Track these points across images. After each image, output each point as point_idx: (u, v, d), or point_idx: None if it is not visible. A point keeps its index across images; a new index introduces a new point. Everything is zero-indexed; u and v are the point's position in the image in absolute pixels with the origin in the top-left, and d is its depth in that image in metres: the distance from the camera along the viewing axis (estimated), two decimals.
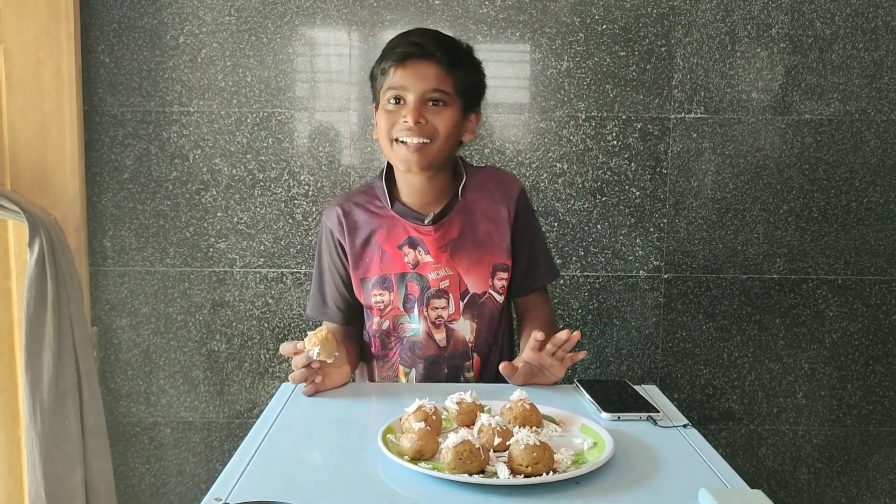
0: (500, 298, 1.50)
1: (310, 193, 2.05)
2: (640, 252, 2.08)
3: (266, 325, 2.09)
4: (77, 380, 1.94)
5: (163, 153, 2.04)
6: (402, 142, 1.40)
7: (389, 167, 1.51)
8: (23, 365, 1.90)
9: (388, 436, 1.05)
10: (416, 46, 1.41)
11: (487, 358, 1.52)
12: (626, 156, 2.05)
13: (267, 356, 2.10)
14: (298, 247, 2.07)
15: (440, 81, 1.40)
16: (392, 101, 1.42)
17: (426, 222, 1.47)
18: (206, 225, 2.06)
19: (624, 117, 2.04)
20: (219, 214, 2.06)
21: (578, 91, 2.03)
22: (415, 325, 1.48)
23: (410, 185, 1.48)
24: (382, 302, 1.49)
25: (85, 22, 1.99)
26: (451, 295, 1.48)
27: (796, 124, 2.04)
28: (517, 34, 2.02)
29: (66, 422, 1.92)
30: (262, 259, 2.07)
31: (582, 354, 1.33)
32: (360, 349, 1.58)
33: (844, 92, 2.03)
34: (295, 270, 2.07)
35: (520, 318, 1.58)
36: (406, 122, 1.39)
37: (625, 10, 2.01)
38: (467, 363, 1.50)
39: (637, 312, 2.09)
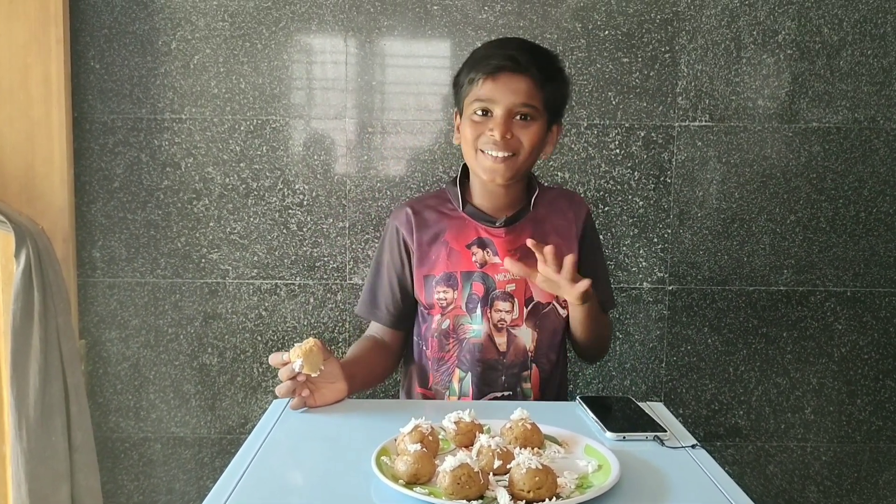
0: (563, 312, 1.49)
1: (304, 203, 2.01)
2: (644, 263, 2.03)
3: (259, 338, 2.04)
4: (64, 394, 1.89)
5: (154, 161, 2.00)
6: (486, 153, 1.40)
7: (463, 171, 1.51)
8: (8, 379, 1.85)
9: (383, 458, 1.01)
10: (510, 60, 1.39)
11: (548, 374, 1.49)
12: (629, 164, 2.00)
13: (260, 370, 2.05)
14: (293, 257, 2.02)
15: (530, 97, 1.39)
16: (479, 112, 1.41)
17: (497, 224, 1.47)
18: (198, 235, 2.01)
19: (627, 125, 1.99)
20: (211, 224, 2.01)
21: (580, 98, 1.98)
22: (476, 327, 1.46)
23: (485, 190, 1.48)
24: (445, 300, 1.47)
25: (74, 27, 1.95)
26: (516, 299, 1.46)
27: (803, 132, 2.00)
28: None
29: (53, 437, 1.87)
30: (255, 270, 2.02)
31: (587, 282, 1.29)
32: (388, 365, 1.55)
33: (853, 99, 1.99)
34: (289, 282, 2.02)
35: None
36: (493, 135, 1.38)
37: (628, 16, 1.96)
38: (525, 373, 1.47)
39: (641, 325, 2.05)
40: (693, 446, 1.13)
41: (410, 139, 2.00)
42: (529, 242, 1.32)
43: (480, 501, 0.90)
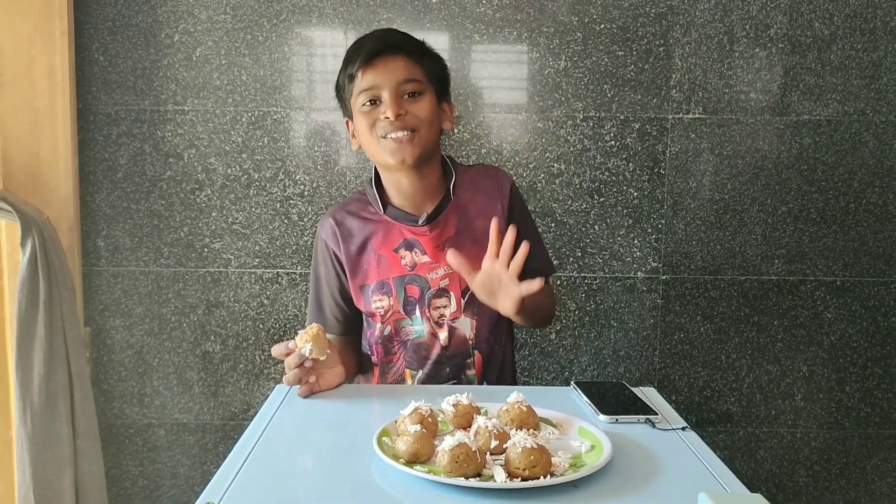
0: None
1: (305, 193, 2.04)
2: (638, 253, 2.07)
3: (261, 326, 2.07)
4: (69, 381, 1.92)
5: (157, 152, 2.02)
6: (390, 137, 1.39)
7: (377, 173, 1.50)
8: (13, 366, 1.88)
9: (384, 438, 1.04)
10: (379, 41, 1.41)
11: (489, 356, 1.50)
12: (623, 156, 2.04)
13: (262, 357, 2.08)
14: (294, 247, 2.05)
15: (411, 72, 1.40)
16: (367, 103, 1.41)
17: (420, 223, 1.46)
18: (200, 225, 2.04)
19: (622, 117, 2.02)
20: (213, 214, 2.04)
21: (576, 91, 2.01)
22: (417, 327, 1.47)
23: (400, 187, 1.47)
24: (383, 307, 1.47)
25: (79, 20, 1.97)
26: (451, 293, 1.46)
27: (795, 125, 2.03)
28: (514, 33, 2.01)
29: (57, 423, 1.90)
30: (257, 259, 2.06)
31: (538, 283, 1.25)
32: (359, 359, 1.56)
33: (843, 93, 2.02)
34: (290, 271, 2.06)
35: None
36: (387, 117, 1.38)
37: (623, 10, 1.99)
38: (468, 360, 1.49)
39: (635, 314, 2.08)
40: (683, 429, 1.16)
41: None
42: (493, 230, 1.28)
43: (478, 479, 0.94)
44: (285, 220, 2.04)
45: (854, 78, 2.02)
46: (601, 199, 2.05)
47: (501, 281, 1.29)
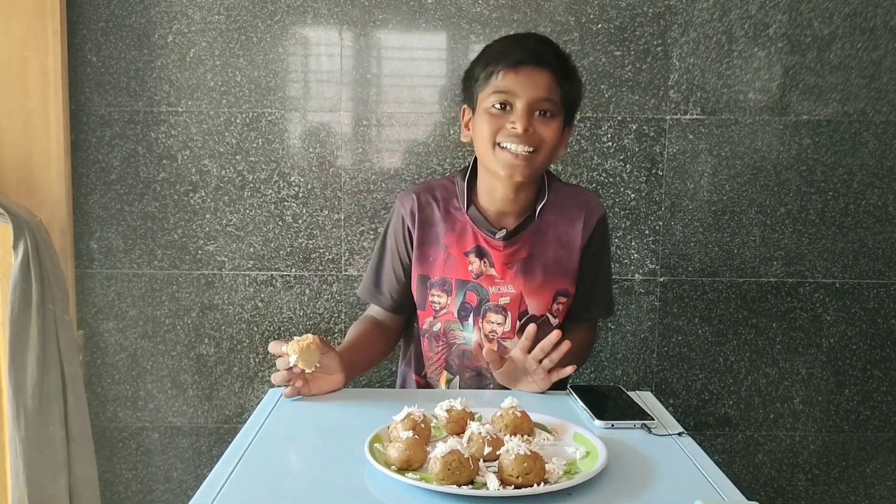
0: (554, 322, 1.48)
1: (300, 195, 2.02)
2: (636, 255, 2.05)
3: (255, 329, 2.06)
4: (62, 384, 1.91)
5: (151, 154, 2.01)
6: (506, 148, 1.37)
7: (472, 168, 1.48)
8: (6, 369, 1.87)
9: (376, 445, 1.03)
10: (532, 54, 1.38)
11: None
12: (621, 157, 2.02)
13: (256, 360, 2.07)
14: (288, 249, 2.04)
15: (551, 91, 1.38)
16: (497, 105, 1.38)
17: (497, 236, 1.44)
18: (194, 227, 2.03)
19: (619, 118, 2.01)
20: (207, 216, 2.03)
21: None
22: (467, 335, 1.46)
23: (492, 192, 1.45)
24: (439, 304, 1.47)
25: (71, 20, 1.96)
26: (509, 313, 1.45)
27: (794, 125, 2.02)
28: (511, 33, 1.98)
29: (51, 427, 1.89)
30: (251, 262, 2.04)
31: (570, 370, 1.29)
32: (391, 346, 1.56)
33: (843, 92, 2.01)
34: (285, 273, 2.04)
35: None
36: (514, 128, 1.35)
37: (620, 9, 1.98)
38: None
39: (632, 316, 2.07)
40: (679, 434, 1.15)
41: (405, 132, 2.02)
42: (495, 353, 1.31)
43: (470, 486, 0.93)
44: (280, 222, 2.03)
45: (854, 77, 2.00)
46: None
47: (529, 371, 1.30)
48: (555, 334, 1.27)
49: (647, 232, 2.04)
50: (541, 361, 1.28)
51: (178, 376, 2.07)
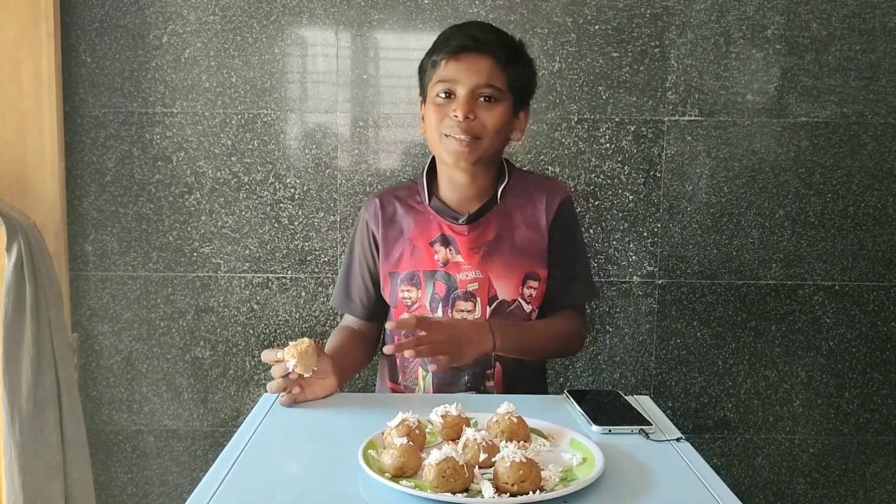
0: (528, 308, 1.45)
1: (296, 197, 2.01)
2: (634, 257, 2.04)
3: (251, 332, 2.05)
4: (56, 388, 1.90)
5: (145, 155, 2.00)
6: (452, 137, 1.38)
7: (432, 163, 1.49)
8: (0, 373, 1.85)
9: (370, 451, 1.01)
10: (471, 39, 1.38)
11: (511, 369, 1.45)
12: (619, 159, 2.01)
13: (252, 363, 2.05)
14: (284, 251, 2.02)
15: (493, 77, 1.37)
16: (442, 94, 1.39)
17: (461, 221, 1.44)
18: (189, 229, 2.02)
19: (617, 120, 2.00)
20: (203, 218, 2.02)
21: (570, 93, 1.99)
22: None
23: (452, 181, 1.46)
24: (409, 299, 1.46)
25: (65, 21, 1.94)
26: (478, 299, 1.43)
27: (792, 127, 2.01)
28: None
29: (46, 431, 1.87)
30: (246, 264, 2.03)
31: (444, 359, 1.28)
32: (371, 352, 1.55)
33: (841, 94, 2.00)
34: (280, 275, 2.03)
35: None
36: (456, 116, 1.36)
37: (618, 11, 1.97)
38: (489, 371, 1.45)
39: (630, 319, 2.06)
40: (678, 439, 1.14)
41: (401, 133, 2.01)
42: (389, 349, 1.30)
43: (465, 494, 0.91)
44: (276, 224, 2.02)
45: (852, 79, 1.99)
46: (596, 203, 2.02)
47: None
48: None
49: (645, 234, 2.03)
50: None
51: (173, 379, 2.06)
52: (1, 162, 1.91)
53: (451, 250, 1.44)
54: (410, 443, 0.99)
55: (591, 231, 2.03)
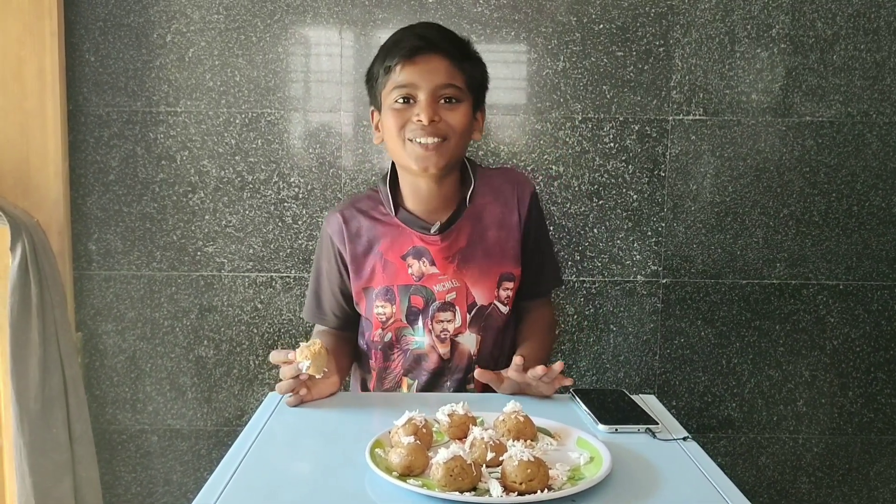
0: (504, 309, 1.44)
1: (300, 196, 2.01)
2: (638, 256, 2.04)
3: (255, 331, 2.05)
4: (63, 387, 1.89)
5: (149, 154, 2.00)
6: (418, 142, 1.33)
7: (392, 171, 1.44)
8: (8, 372, 1.85)
9: (377, 450, 1.01)
10: (423, 40, 1.34)
11: (492, 370, 1.44)
12: (623, 158, 2.01)
13: (256, 362, 2.05)
14: (288, 250, 2.02)
15: (451, 76, 1.34)
16: (400, 100, 1.35)
17: (432, 231, 1.40)
18: (193, 228, 2.02)
19: (621, 119, 2.00)
20: (207, 217, 2.01)
21: (575, 92, 1.99)
22: (418, 338, 1.43)
23: (416, 191, 1.41)
24: (384, 314, 1.43)
25: (69, 20, 1.94)
26: (457, 308, 1.42)
27: (797, 126, 2.00)
28: (512, 34, 1.98)
29: (54, 430, 1.88)
30: (250, 263, 2.03)
31: (568, 381, 1.27)
32: (353, 356, 1.54)
33: (846, 94, 1.99)
34: (284, 275, 2.03)
35: (518, 323, 1.51)
36: (420, 120, 1.32)
37: (622, 10, 1.97)
38: (470, 375, 1.43)
39: (634, 318, 2.05)
40: (684, 439, 1.13)
41: None
42: (490, 373, 1.27)
43: (473, 493, 0.91)
44: (279, 223, 2.02)
45: (857, 79, 1.99)
46: (600, 202, 2.02)
47: (531, 385, 1.27)
48: (540, 369, 1.23)
49: (649, 233, 2.03)
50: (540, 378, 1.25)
51: (177, 379, 2.06)
52: (4, 161, 1.91)
53: (424, 262, 1.41)
54: (418, 441, 0.98)
55: (595, 230, 2.02)
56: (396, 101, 1.35)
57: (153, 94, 1.98)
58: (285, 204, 2.01)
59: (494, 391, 1.34)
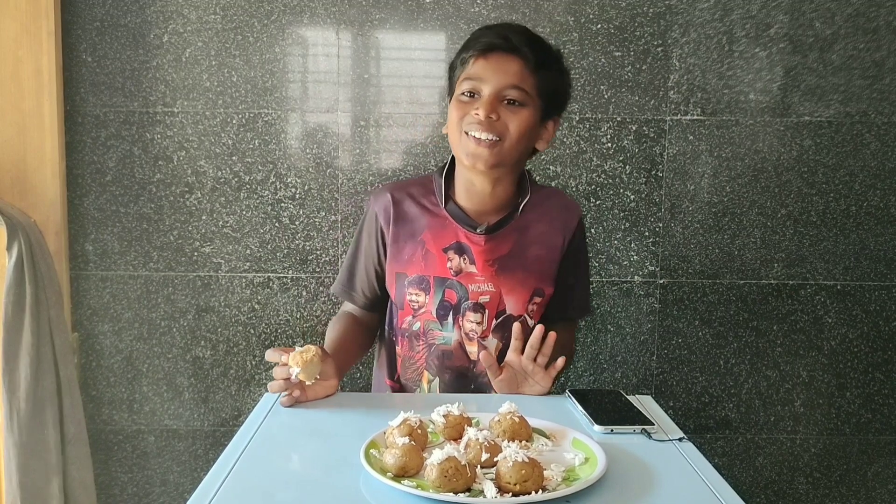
0: (531, 323, 1.45)
1: (297, 196, 2.01)
2: (635, 257, 2.04)
3: (252, 331, 2.04)
4: (57, 387, 1.89)
5: (146, 155, 1.99)
6: (472, 135, 1.34)
7: (451, 164, 1.45)
8: (0, 372, 1.85)
9: (371, 451, 1.01)
10: (501, 38, 1.35)
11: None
12: (620, 158, 2.01)
13: (253, 363, 2.05)
14: (285, 251, 2.02)
15: (521, 79, 1.34)
16: (467, 92, 1.36)
17: (479, 231, 1.41)
18: (190, 228, 2.01)
19: (619, 119, 1.99)
20: (203, 217, 2.01)
21: (572, 92, 1.98)
22: (446, 334, 1.43)
23: (470, 187, 1.42)
24: (417, 302, 1.43)
25: (66, 20, 1.94)
26: (487, 311, 1.41)
27: (795, 126, 2.00)
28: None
29: (45, 431, 1.87)
30: (247, 263, 2.02)
31: (561, 361, 1.28)
32: (370, 341, 1.54)
33: (845, 93, 1.99)
34: (281, 275, 2.02)
35: None
36: (477, 115, 1.33)
37: (620, 10, 1.96)
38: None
39: (632, 318, 2.05)
40: (680, 439, 1.13)
41: (403, 132, 2.00)
42: (491, 356, 1.28)
43: (467, 494, 0.91)
44: (276, 224, 2.01)
45: (856, 78, 1.99)
46: (598, 202, 2.02)
47: (527, 373, 1.29)
48: (538, 329, 1.26)
49: (646, 233, 2.03)
50: (535, 359, 1.27)
51: (173, 379, 2.06)
52: (1, 161, 1.90)
53: (465, 259, 1.41)
54: (412, 442, 0.98)
55: (593, 231, 2.02)
56: (463, 94, 1.37)
57: (150, 94, 1.98)
58: (282, 204, 2.01)
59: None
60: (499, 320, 1.42)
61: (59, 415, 1.90)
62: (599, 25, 1.97)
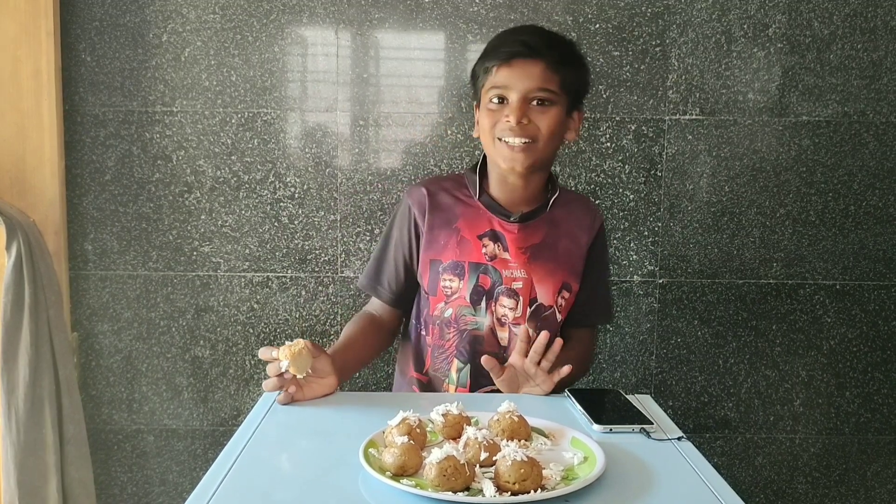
0: (559, 317, 1.49)
1: (296, 196, 2.01)
2: (634, 256, 2.04)
3: (251, 331, 2.04)
4: (56, 387, 1.89)
5: (145, 154, 1.99)
6: (505, 141, 1.39)
7: (483, 161, 1.50)
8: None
9: (370, 450, 1.01)
10: (522, 45, 1.40)
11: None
12: (619, 158, 2.01)
13: (252, 362, 2.05)
14: (284, 250, 2.02)
15: (545, 80, 1.39)
16: (495, 99, 1.41)
17: (512, 219, 1.45)
18: (189, 228, 2.01)
19: (618, 119, 1.99)
20: (203, 217, 2.01)
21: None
22: (479, 319, 1.45)
23: (503, 182, 1.47)
24: (451, 288, 1.46)
25: (65, 19, 1.94)
26: (521, 297, 1.45)
27: (793, 126, 2.00)
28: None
29: (43, 430, 1.87)
30: (247, 263, 2.02)
31: (567, 369, 1.29)
32: (386, 341, 1.56)
33: (843, 93, 1.99)
34: (280, 275, 2.02)
35: None
36: (508, 121, 1.38)
37: (618, 9, 1.97)
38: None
39: (631, 318, 2.05)
40: (679, 438, 1.14)
41: (402, 132, 2.00)
42: (493, 360, 1.30)
43: (466, 493, 0.91)
44: (276, 223, 2.01)
45: (854, 78, 1.99)
46: (597, 202, 2.02)
47: (529, 375, 1.32)
48: (543, 335, 1.29)
49: (645, 233, 2.03)
50: (539, 363, 1.29)
51: (173, 379, 2.06)
52: (1, 161, 1.90)
53: (499, 246, 1.46)
54: (411, 441, 0.98)
55: None
56: (491, 101, 1.42)
57: (149, 93, 1.98)
58: (281, 204, 2.01)
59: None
60: (532, 308, 1.46)
61: (58, 414, 1.90)
62: (598, 25, 1.97)
